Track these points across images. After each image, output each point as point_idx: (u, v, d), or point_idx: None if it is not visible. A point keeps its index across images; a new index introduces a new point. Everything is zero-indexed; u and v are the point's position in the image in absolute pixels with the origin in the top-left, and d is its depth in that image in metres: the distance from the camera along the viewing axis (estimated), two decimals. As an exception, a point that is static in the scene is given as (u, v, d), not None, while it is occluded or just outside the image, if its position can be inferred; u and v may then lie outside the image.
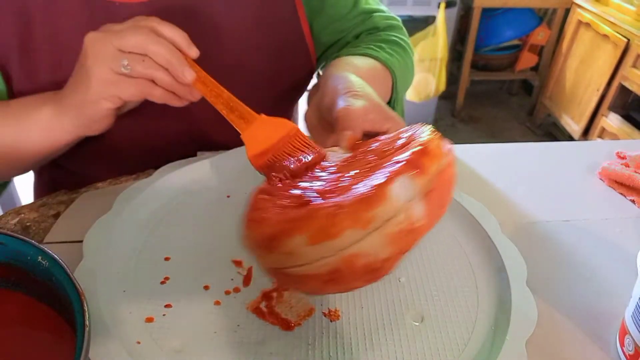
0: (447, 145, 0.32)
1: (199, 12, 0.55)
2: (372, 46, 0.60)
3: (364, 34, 0.65)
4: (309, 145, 0.41)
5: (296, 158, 0.40)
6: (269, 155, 0.42)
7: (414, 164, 0.29)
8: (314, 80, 0.68)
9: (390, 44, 0.63)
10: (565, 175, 0.61)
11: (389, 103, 0.61)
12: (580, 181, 0.60)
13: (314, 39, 0.64)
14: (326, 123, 0.46)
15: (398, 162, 0.30)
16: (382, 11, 0.67)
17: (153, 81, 0.44)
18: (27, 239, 0.33)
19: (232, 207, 0.50)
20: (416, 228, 0.29)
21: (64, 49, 0.50)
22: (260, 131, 0.43)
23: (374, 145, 0.37)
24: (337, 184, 0.32)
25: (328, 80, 0.48)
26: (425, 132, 0.33)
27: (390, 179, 0.28)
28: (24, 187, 1.31)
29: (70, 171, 0.62)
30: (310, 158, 0.39)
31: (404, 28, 0.68)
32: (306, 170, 0.38)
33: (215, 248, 0.45)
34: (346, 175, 0.33)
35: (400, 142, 0.34)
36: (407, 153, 0.30)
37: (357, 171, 0.33)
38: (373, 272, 0.30)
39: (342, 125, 0.42)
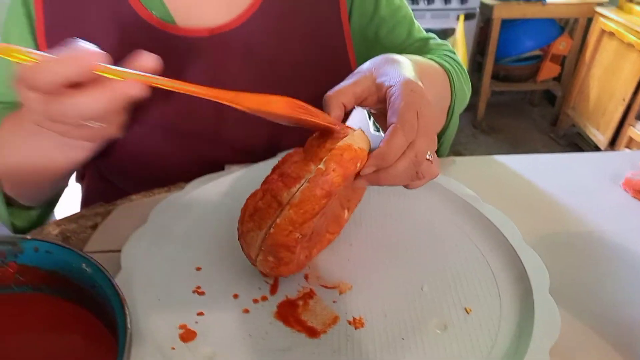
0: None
1: (256, 48, 0.57)
2: (428, 56, 0.60)
3: None
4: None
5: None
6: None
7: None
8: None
9: (445, 56, 0.62)
10: (589, 186, 0.61)
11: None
12: (604, 192, 0.60)
13: None
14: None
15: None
16: (434, 38, 0.68)
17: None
18: (72, 247, 0.35)
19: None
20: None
21: None
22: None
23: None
24: None
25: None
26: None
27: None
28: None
29: (112, 183, 0.65)
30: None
31: (456, 52, 0.68)
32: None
33: (244, 258, 0.47)
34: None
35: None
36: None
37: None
38: None
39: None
